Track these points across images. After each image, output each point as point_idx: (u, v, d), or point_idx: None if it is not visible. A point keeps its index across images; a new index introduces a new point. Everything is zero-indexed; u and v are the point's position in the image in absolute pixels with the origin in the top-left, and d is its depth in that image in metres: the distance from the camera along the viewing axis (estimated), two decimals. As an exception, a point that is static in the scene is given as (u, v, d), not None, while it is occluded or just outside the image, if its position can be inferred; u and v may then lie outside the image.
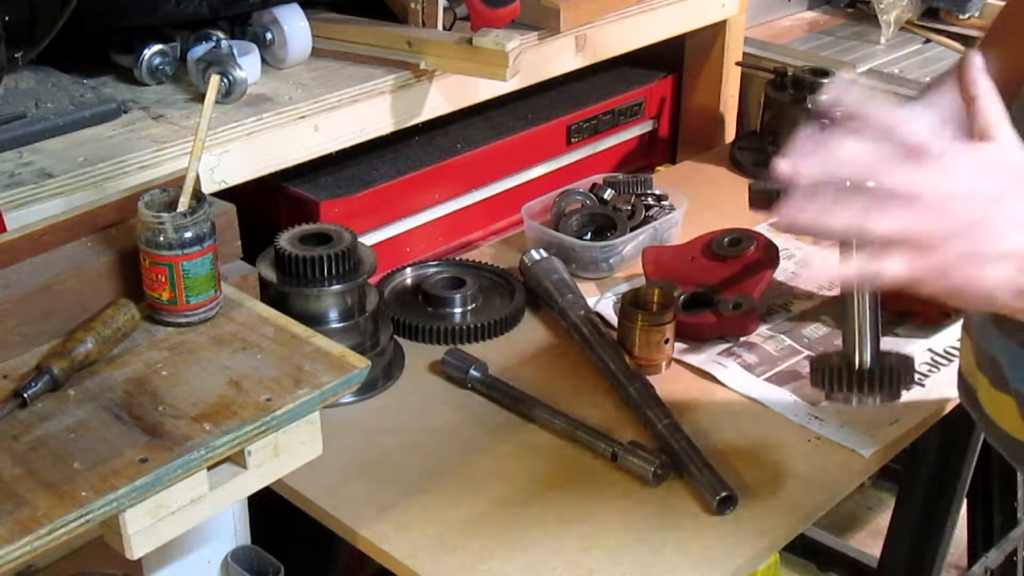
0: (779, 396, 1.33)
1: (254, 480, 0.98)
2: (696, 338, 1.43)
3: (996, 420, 1.06)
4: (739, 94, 2.07)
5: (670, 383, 1.34)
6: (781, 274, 1.55)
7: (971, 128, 0.75)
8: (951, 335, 1.43)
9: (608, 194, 1.65)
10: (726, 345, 1.42)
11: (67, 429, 0.94)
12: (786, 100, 1.81)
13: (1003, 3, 1.17)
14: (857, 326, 1.01)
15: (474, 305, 1.48)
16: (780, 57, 1.98)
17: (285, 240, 1.30)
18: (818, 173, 0.72)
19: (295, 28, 1.43)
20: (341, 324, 1.31)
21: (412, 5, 1.47)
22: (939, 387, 1.35)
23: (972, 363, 1.08)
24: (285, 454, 0.99)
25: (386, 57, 1.45)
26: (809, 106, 1.77)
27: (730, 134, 2.06)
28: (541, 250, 1.52)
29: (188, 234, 1.04)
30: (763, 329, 1.45)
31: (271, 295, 1.28)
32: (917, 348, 1.42)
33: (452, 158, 1.61)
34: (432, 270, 1.55)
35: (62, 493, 0.87)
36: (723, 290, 1.45)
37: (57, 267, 1.06)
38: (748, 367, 1.38)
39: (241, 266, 1.17)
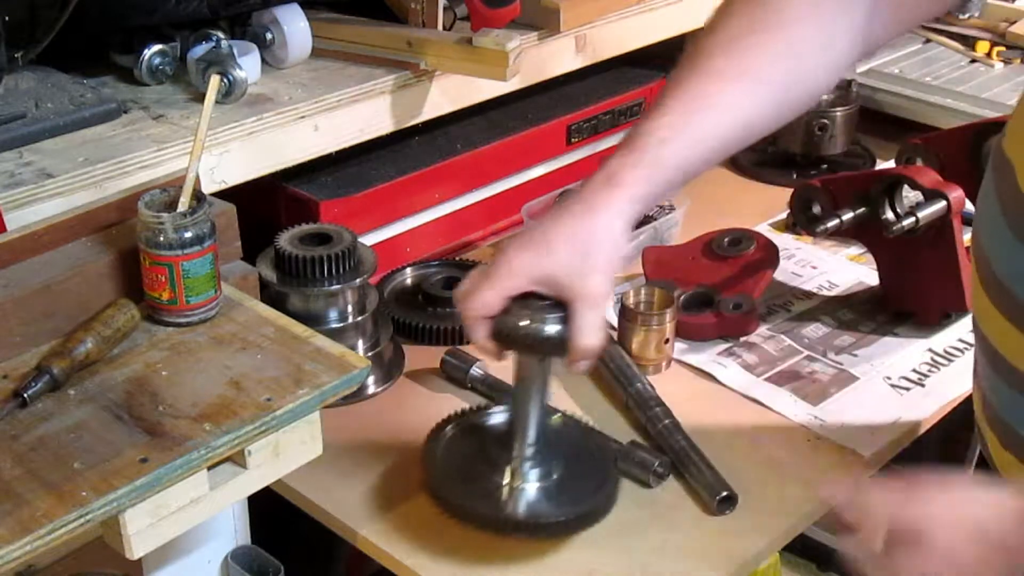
0: (779, 396, 1.33)
1: (254, 480, 0.98)
2: (696, 338, 1.43)
3: (1002, 472, 1.01)
4: (739, 94, 2.06)
5: (670, 383, 1.34)
6: (781, 274, 1.55)
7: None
8: (951, 335, 1.43)
9: (608, 194, 1.65)
10: (726, 345, 1.42)
11: (67, 429, 0.94)
12: (786, 100, 1.80)
13: (1002, 3, 1.17)
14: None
15: (474, 305, 1.48)
16: (780, 57, 1.97)
17: (285, 240, 1.30)
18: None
19: (295, 28, 1.43)
20: (341, 324, 1.31)
21: (412, 5, 1.47)
22: (939, 387, 1.35)
23: (981, 415, 1.03)
24: (285, 454, 0.99)
25: (386, 57, 1.45)
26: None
27: (730, 134, 2.06)
28: (541, 250, 1.51)
29: (188, 234, 1.04)
30: (763, 329, 1.45)
31: (271, 295, 1.28)
32: (917, 348, 1.42)
33: (452, 158, 1.61)
34: (432, 270, 1.55)
35: (62, 493, 0.87)
36: (723, 290, 1.45)
37: (57, 267, 1.06)
38: (748, 367, 1.38)
39: (241, 266, 1.17)
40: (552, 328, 1.00)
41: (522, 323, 1.01)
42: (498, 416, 1.19)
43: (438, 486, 1.10)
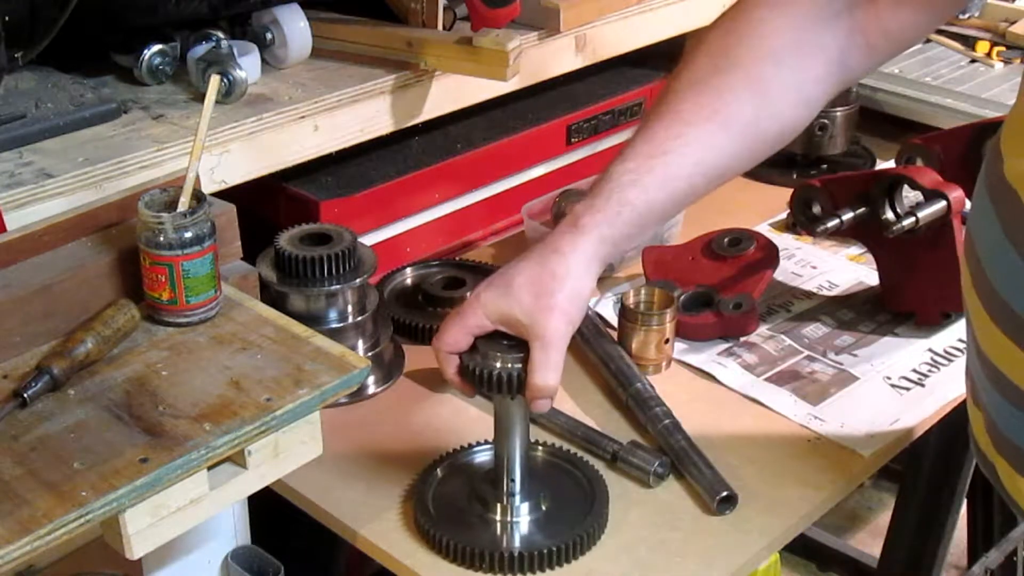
0: (779, 396, 1.33)
1: (254, 480, 0.98)
2: (696, 338, 1.43)
3: (1019, 502, 0.98)
4: (739, 94, 2.06)
5: (670, 383, 1.34)
6: (781, 274, 1.55)
7: None
8: (951, 335, 1.43)
9: (608, 194, 1.65)
10: (726, 345, 1.42)
11: (67, 429, 0.94)
12: (786, 100, 1.80)
13: (1002, 3, 1.16)
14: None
15: (474, 305, 1.48)
16: (780, 57, 1.97)
17: (285, 240, 1.30)
18: None
19: (295, 28, 1.43)
20: (341, 324, 1.31)
21: (412, 5, 1.47)
22: (939, 387, 1.35)
23: (987, 441, 1.00)
24: (285, 454, 0.99)
25: (386, 57, 1.45)
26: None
27: (730, 134, 2.06)
28: (541, 250, 1.51)
29: (188, 234, 1.04)
30: (763, 329, 1.45)
31: (271, 295, 1.28)
32: (917, 348, 1.42)
33: (452, 158, 1.61)
34: (432, 270, 1.55)
35: (62, 493, 0.87)
36: (723, 290, 1.45)
37: (57, 267, 1.06)
38: (748, 367, 1.38)
39: (241, 266, 1.17)
40: (505, 368, 1.03)
41: (478, 363, 1.04)
42: (484, 454, 1.21)
43: (432, 529, 1.11)
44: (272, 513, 1.22)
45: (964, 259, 0.97)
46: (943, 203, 1.37)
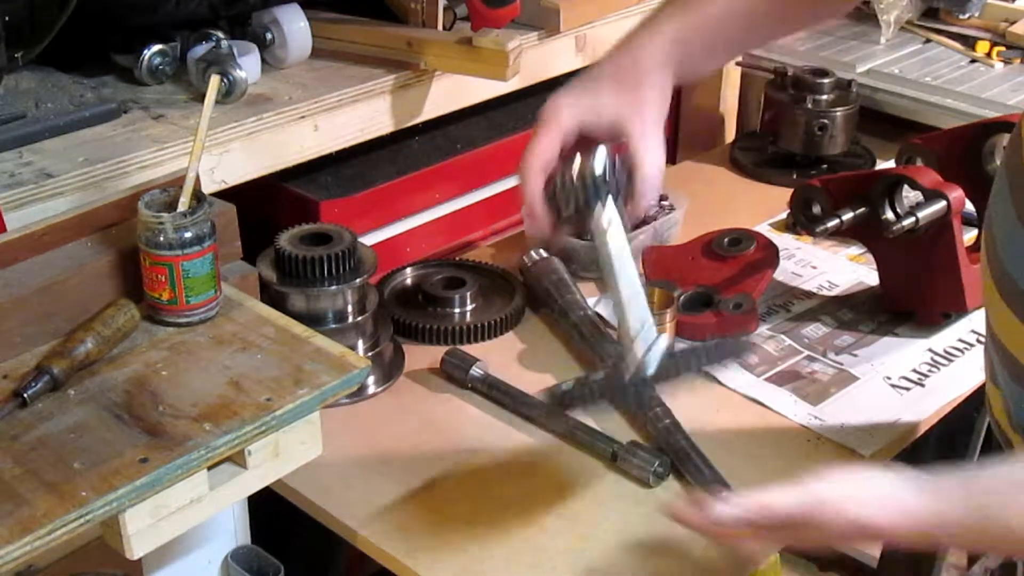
0: (779, 396, 1.33)
1: (254, 480, 0.98)
2: (696, 338, 1.42)
3: None
4: (739, 94, 2.07)
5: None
6: (781, 274, 1.55)
7: None
8: (951, 335, 1.43)
9: (608, 194, 1.65)
10: (726, 345, 1.42)
11: (67, 429, 0.94)
12: (786, 100, 1.80)
13: (1002, 3, 1.15)
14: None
15: (474, 305, 1.48)
16: (780, 57, 1.98)
17: (285, 240, 1.31)
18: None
19: (295, 28, 1.43)
20: (341, 324, 1.31)
21: (412, 5, 1.47)
22: (939, 387, 1.35)
23: (1005, 419, 1.01)
24: (285, 454, 0.99)
25: (386, 57, 1.45)
26: (809, 106, 1.77)
27: (730, 134, 2.06)
28: (541, 250, 1.52)
29: (188, 234, 1.04)
30: (763, 329, 1.45)
31: (271, 295, 1.28)
32: (917, 348, 1.42)
33: (452, 158, 1.61)
34: (432, 270, 1.55)
35: (62, 493, 0.87)
36: (723, 290, 1.45)
37: (57, 267, 1.06)
38: (748, 367, 1.38)
39: (241, 266, 1.17)
40: (601, 163, 1.00)
41: (572, 167, 1.00)
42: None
43: None
44: (272, 513, 1.22)
45: (983, 241, 0.97)
46: (943, 203, 1.37)
